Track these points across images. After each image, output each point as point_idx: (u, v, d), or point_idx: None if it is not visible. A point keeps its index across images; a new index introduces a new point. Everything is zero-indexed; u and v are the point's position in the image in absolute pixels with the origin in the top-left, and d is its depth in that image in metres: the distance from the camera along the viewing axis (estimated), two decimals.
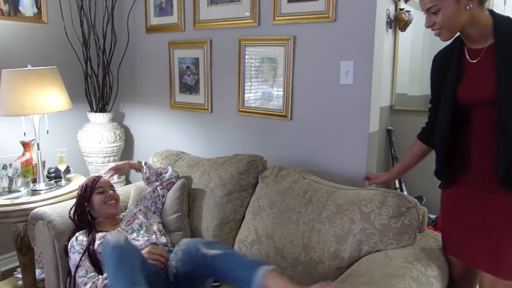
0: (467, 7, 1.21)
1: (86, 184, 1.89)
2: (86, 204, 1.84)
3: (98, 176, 1.95)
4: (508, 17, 1.25)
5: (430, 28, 1.29)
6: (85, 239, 1.74)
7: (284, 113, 2.11)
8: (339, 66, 1.90)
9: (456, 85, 1.32)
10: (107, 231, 1.77)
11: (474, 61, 1.29)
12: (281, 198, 1.78)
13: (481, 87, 1.26)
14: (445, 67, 1.37)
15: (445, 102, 1.35)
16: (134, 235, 1.78)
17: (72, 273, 1.67)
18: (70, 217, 1.86)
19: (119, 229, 1.80)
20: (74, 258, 1.69)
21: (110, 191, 1.90)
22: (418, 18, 2.90)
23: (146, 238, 1.76)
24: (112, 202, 1.88)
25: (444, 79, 1.37)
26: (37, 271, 2.28)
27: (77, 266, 1.66)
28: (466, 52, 1.32)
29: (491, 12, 1.26)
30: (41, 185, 2.23)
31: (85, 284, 1.59)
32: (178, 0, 2.45)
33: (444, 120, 1.35)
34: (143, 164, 2.03)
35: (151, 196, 2.00)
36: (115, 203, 1.90)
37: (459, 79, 1.32)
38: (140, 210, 1.94)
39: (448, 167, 1.40)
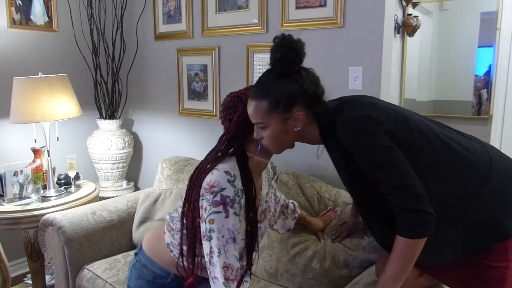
0: (295, 129, 1.16)
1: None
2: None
3: None
4: (334, 121, 1.14)
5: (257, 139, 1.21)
6: (244, 197, 1.17)
7: None
8: (347, 71, 1.90)
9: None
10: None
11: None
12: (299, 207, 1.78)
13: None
14: None
15: None
16: (258, 238, 1.31)
17: (219, 241, 1.11)
18: (221, 144, 1.24)
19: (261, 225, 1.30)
20: (232, 220, 1.13)
21: None
22: (426, 23, 2.89)
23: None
24: None
25: None
26: (47, 277, 2.29)
27: (234, 239, 1.13)
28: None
29: (319, 120, 1.18)
30: (51, 192, 2.24)
31: (247, 280, 1.14)
32: (187, 7, 2.47)
33: None
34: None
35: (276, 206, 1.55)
36: None
37: None
38: (271, 198, 1.44)
39: None
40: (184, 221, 1.23)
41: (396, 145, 1.06)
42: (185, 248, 1.24)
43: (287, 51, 1.12)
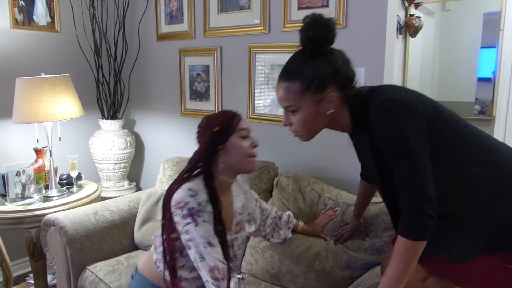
0: (328, 112, 1.11)
1: (223, 118, 1.31)
2: (221, 146, 1.29)
3: (237, 112, 1.35)
4: (366, 109, 1.10)
5: (287, 127, 1.18)
6: (209, 206, 1.25)
7: None
8: None
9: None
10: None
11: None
12: (299, 213, 1.79)
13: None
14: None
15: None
16: (234, 248, 1.38)
17: (198, 248, 1.19)
18: (190, 162, 1.33)
19: (233, 234, 1.37)
20: (203, 227, 1.21)
21: (256, 141, 1.33)
22: (428, 24, 2.88)
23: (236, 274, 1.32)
24: (255, 159, 1.33)
25: None
26: (49, 277, 2.30)
27: (209, 243, 1.20)
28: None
29: (350, 104, 1.14)
30: (53, 192, 2.25)
31: (234, 275, 1.20)
32: (189, 8, 2.48)
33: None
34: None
35: (263, 216, 1.61)
36: (255, 159, 1.34)
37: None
38: (250, 214, 1.50)
39: None
40: (164, 236, 1.30)
41: (427, 135, 1.04)
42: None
43: (320, 29, 1.08)
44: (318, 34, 1.08)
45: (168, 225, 1.27)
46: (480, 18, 2.84)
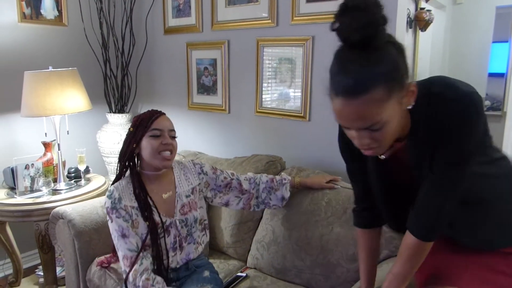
0: (409, 107, 0.90)
1: (141, 119, 1.49)
2: (134, 145, 1.48)
3: (158, 112, 1.52)
4: (426, 108, 0.91)
5: (361, 147, 0.91)
6: (131, 204, 1.45)
7: (302, 114, 2.09)
8: None
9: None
10: (155, 206, 1.47)
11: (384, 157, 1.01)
12: (300, 200, 1.77)
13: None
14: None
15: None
16: (185, 231, 1.51)
17: (115, 240, 1.42)
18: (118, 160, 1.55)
19: (176, 218, 1.49)
20: (116, 222, 1.42)
21: (168, 138, 1.48)
22: (439, 17, 2.84)
23: (191, 250, 1.54)
24: (166, 154, 1.47)
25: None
26: (58, 269, 2.32)
27: (123, 235, 1.40)
28: None
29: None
30: (61, 185, 2.26)
31: (141, 262, 1.37)
32: (196, 1, 2.46)
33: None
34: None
35: (219, 178, 1.67)
36: (169, 155, 1.48)
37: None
38: (199, 185, 1.61)
39: None
40: None
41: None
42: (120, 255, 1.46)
43: (377, 11, 0.83)
44: (376, 17, 0.83)
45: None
46: (492, 12, 2.79)
